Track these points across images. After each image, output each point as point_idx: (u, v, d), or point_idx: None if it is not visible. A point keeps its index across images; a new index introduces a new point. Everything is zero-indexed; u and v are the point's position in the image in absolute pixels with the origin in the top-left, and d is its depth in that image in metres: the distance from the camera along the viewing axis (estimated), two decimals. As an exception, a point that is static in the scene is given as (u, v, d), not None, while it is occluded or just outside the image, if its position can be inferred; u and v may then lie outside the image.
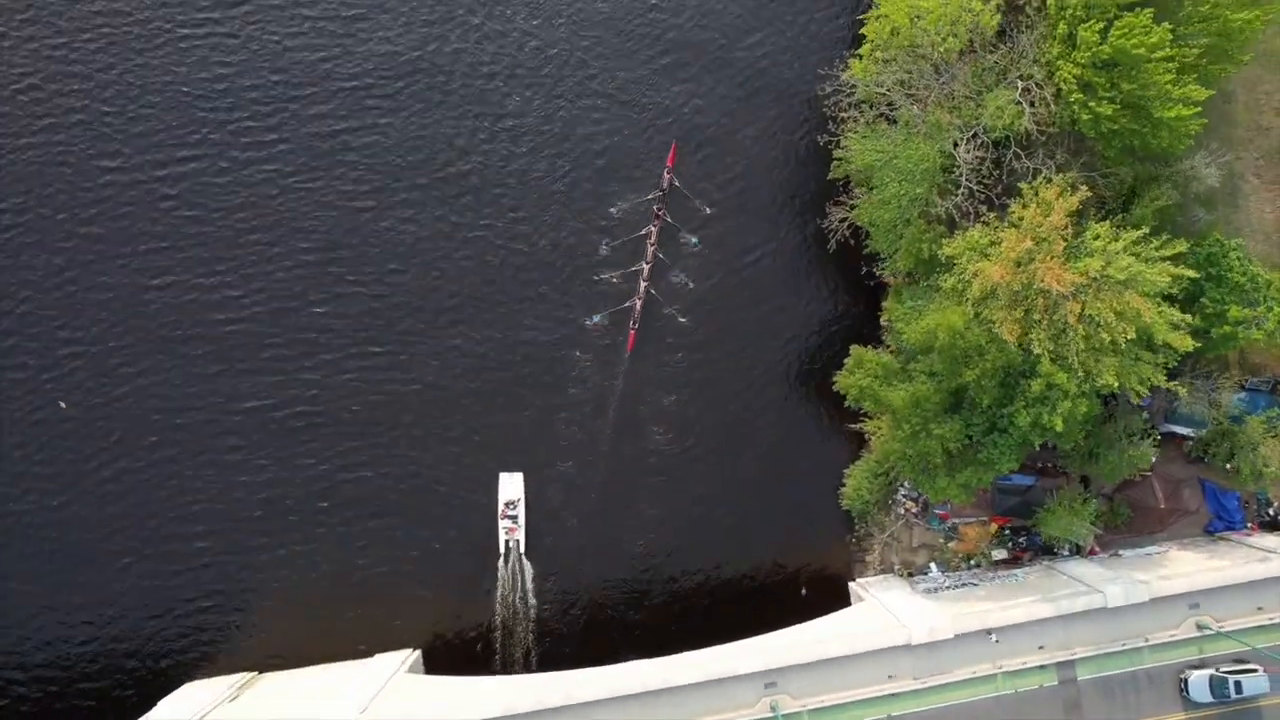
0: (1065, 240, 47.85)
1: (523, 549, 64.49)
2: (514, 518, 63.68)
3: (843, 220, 62.42)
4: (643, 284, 65.72)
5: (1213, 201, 61.11)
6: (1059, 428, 49.85)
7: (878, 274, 61.99)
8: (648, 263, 65.88)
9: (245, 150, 65.20)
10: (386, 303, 65.19)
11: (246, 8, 66.45)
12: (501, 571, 64.35)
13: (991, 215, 53.34)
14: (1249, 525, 65.69)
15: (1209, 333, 54.44)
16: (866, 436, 64.19)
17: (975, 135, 52.77)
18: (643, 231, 66.46)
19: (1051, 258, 47.06)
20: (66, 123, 64.05)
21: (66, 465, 61.94)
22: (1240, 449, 60.07)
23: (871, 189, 58.02)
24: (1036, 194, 50.71)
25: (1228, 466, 62.82)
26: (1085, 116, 48.93)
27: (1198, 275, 50.10)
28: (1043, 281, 46.71)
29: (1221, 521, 65.65)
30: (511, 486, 64.14)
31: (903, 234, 55.57)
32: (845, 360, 61.29)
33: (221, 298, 63.97)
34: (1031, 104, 51.27)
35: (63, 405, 62.65)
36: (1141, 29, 45.61)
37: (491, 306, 66.08)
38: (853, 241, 63.48)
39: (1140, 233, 47.89)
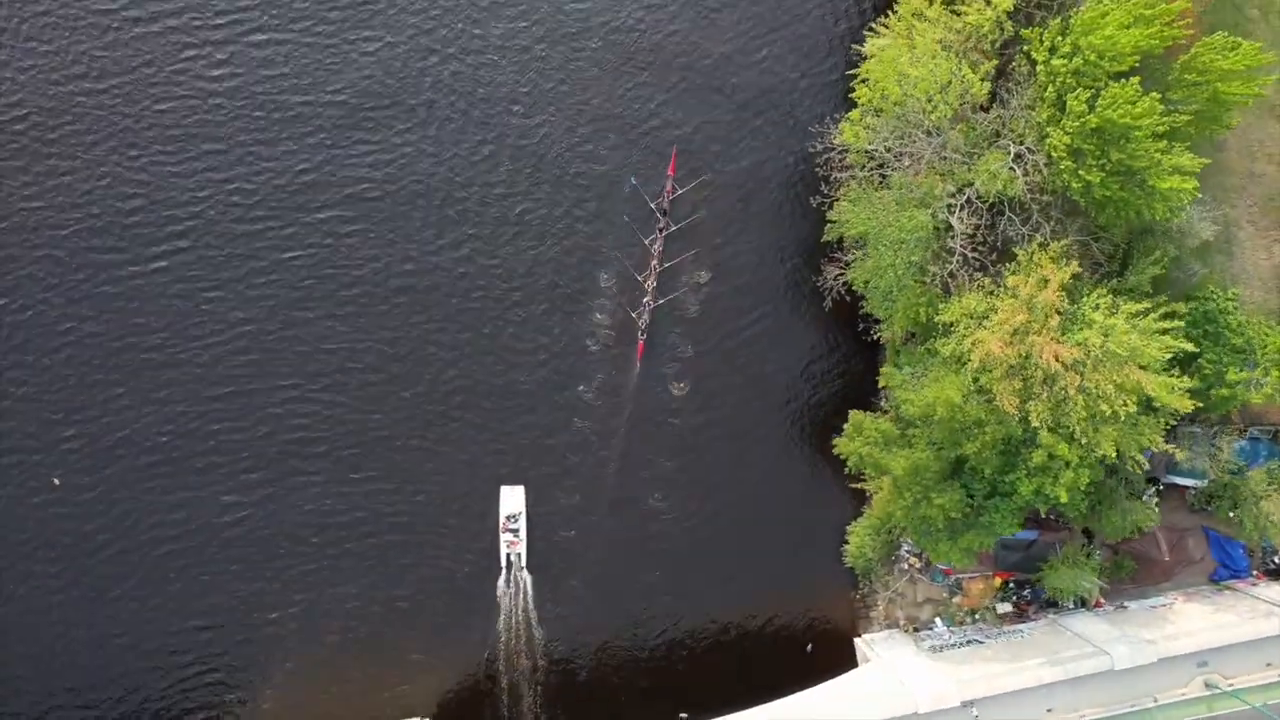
0: (1061, 312, 47.54)
1: (524, 562, 64.26)
2: (515, 531, 63.65)
3: (838, 277, 62.27)
4: (649, 292, 65.68)
5: (1208, 252, 60.95)
6: (1063, 499, 49.65)
7: (874, 335, 61.65)
8: (654, 268, 65.76)
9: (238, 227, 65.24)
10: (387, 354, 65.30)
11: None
12: (502, 586, 64.29)
13: (986, 280, 53.11)
14: (1254, 573, 65.36)
15: (1208, 392, 54.20)
16: (868, 494, 63.98)
17: (969, 200, 52.53)
18: (646, 240, 66.51)
19: (1048, 331, 46.78)
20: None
21: (65, 549, 61.82)
22: (1243, 501, 59.79)
23: (865, 251, 57.85)
24: (1031, 259, 50.48)
25: (1231, 515, 62.57)
26: (1076, 185, 48.76)
27: (1197, 349, 49.54)
28: (1040, 357, 46.45)
29: (1227, 570, 65.28)
30: (513, 499, 64.06)
31: (898, 299, 55.27)
32: (845, 424, 60.97)
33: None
34: (1024, 171, 51.07)
35: (55, 482, 62.43)
36: (1128, 100, 45.43)
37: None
38: (849, 297, 63.42)
39: (1140, 306, 47.55)
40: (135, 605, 62.04)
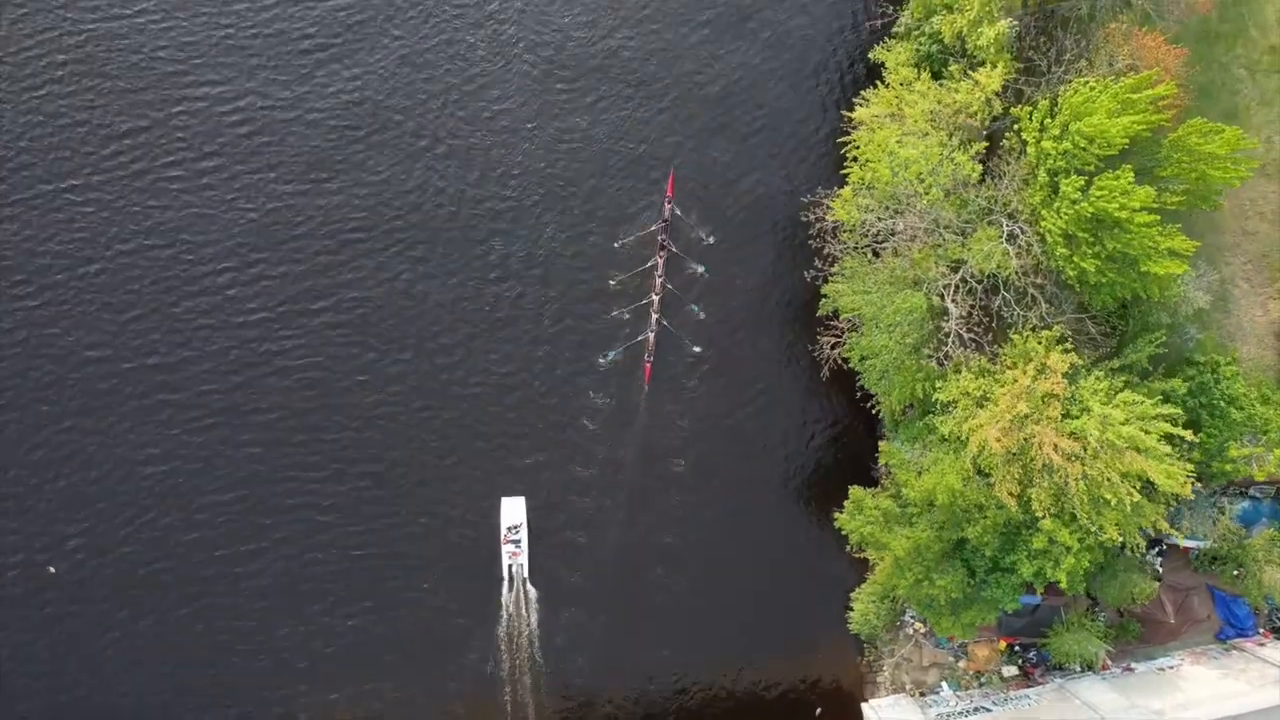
0: (1060, 398, 47.43)
1: (526, 573, 64.26)
2: (516, 542, 63.71)
3: (834, 347, 62.16)
4: (654, 316, 66.41)
5: (1204, 317, 60.90)
6: (1063, 583, 49.51)
7: (873, 409, 61.55)
8: (657, 294, 66.49)
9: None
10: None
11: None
12: (505, 597, 64.39)
13: (983, 359, 52.99)
14: (1261, 631, 65.10)
15: (1209, 464, 54.08)
16: (871, 562, 63.78)
17: (965, 280, 52.47)
18: (649, 264, 66.86)
19: (1047, 420, 46.66)
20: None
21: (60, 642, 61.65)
22: (1246, 565, 59.58)
23: (860, 328, 57.80)
24: (1027, 344, 50.40)
25: (1235, 574, 62.34)
26: (1071, 271, 48.69)
27: (1195, 420, 49.39)
28: (1040, 449, 46.33)
29: (1233, 629, 64.88)
30: (513, 511, 64.09)
31: (894, 379, 55.19)
32: (847, 486, 60.97)
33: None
34: (1018, 252, 51.01)
35: (51, 570, 62.26)
36: (1122, 191, 45.39)
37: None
38: (846, 364, 63.32)
39: (1136, 397, 47.41)
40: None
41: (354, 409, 65.93)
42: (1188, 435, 46.90)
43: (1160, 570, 62.63)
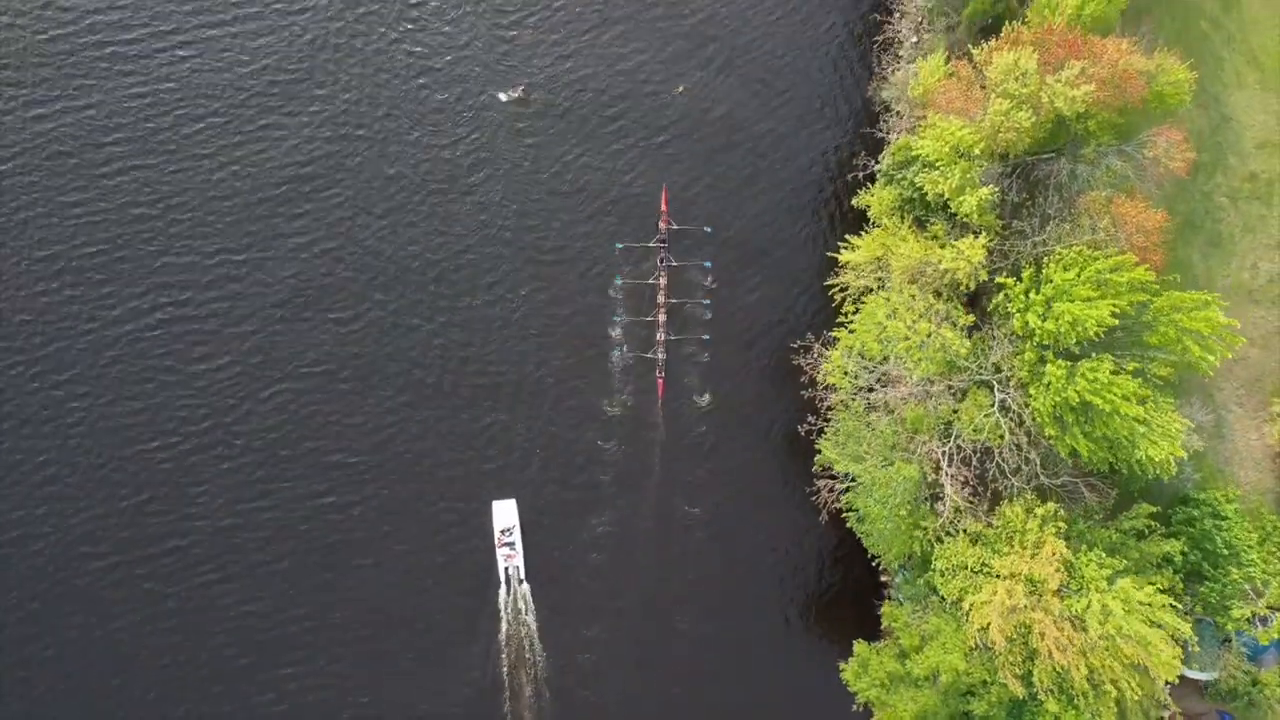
0: (1058, 586, 47.53)
1: (522, 574, 64.65)
2: (511, 544, 64.12)
3: (832, 489, 62.29)
4: (660, 332, 67.46)
5: (1200, 458, 61.04)
6: (1070, 760, 49.51)
7: (875, 563, 61.55)
8: (662, 306, 67.68)
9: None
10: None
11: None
12: (503, 598, 64.71)
13: (979, 524, 53.14)
14: (1274, 759, 64.84)
15: (1213, 617, 54.12)
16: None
17: (959, 447, 52.67)
18: (650, 280, 68.14)
19: (1044, 609, 46.74)
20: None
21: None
22: (1258, 702, 59.40)
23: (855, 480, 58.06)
24: (1023, 522, 50.54)
25: (1248, 706, 62.17)
26: (1063, 449, 48.91)
27: (1191, 635, 48.91)
28: (1041, 640, 46.39)
29: (1245, 753, 64.79)
30: (505, 513, 64.53)
31: (892, 543, 55.35)
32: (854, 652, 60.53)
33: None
34: (1010, 427, 51.21)
35: None
36: (1105, 385, 45.64)
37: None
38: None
39: (1134, 588, 47.42)
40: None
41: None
42: (1187, 631, 46.82)
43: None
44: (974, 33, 66.80)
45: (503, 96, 69.78)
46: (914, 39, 72.24)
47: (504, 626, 64.66)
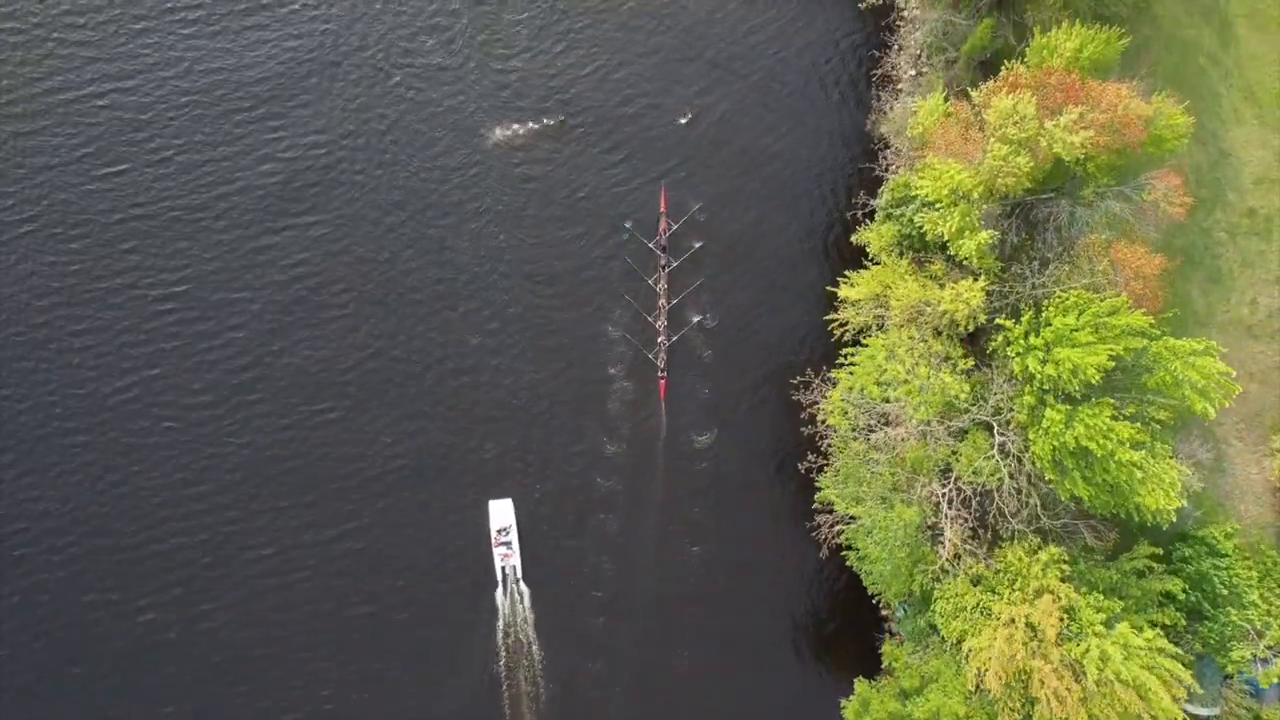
0: (1059, 633, 47.63)
1: (519, 574, 64.62)
2: (507, 544, 64.06)
3: (833, 525, 62.44)
4: (661, 331, 67.84)
5: (1200, 497, 61.15)
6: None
7: (876, 600, 61.66)
8: (662, 309, 68.10)
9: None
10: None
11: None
12: (500, 598, 64.64)
13: (979, 565, 53.24)
14: (1274, 790, 64.87)
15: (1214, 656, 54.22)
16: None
17: (960, 490, 52.81)
18: (650, 280, 68.98)
19: (1043, 660, 46.84)
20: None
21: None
22: (1259, 740, 59.53)
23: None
24: (1026, 566, 50.64)
25: (1251, 734, 62.31)
26: (1063, 494, 49.05)
27: (1191, 680, 48.96)
28: (1040, 688, 46.49)
29: (1247, 787, 64.81)
30: (501, 513, 64.55)
31: (891, 583, 55.49)
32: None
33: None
34: (1009, 468, 51.34)
35: None
36: (1102, 432, 45.80)
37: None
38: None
39: (1133, 635, 47.54)
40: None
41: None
42: (1186, 677, 46.93)
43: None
44: (972, 68, 67.19)
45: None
46: (913, 72, 72.55)
47: (501, 626, 64.61)
